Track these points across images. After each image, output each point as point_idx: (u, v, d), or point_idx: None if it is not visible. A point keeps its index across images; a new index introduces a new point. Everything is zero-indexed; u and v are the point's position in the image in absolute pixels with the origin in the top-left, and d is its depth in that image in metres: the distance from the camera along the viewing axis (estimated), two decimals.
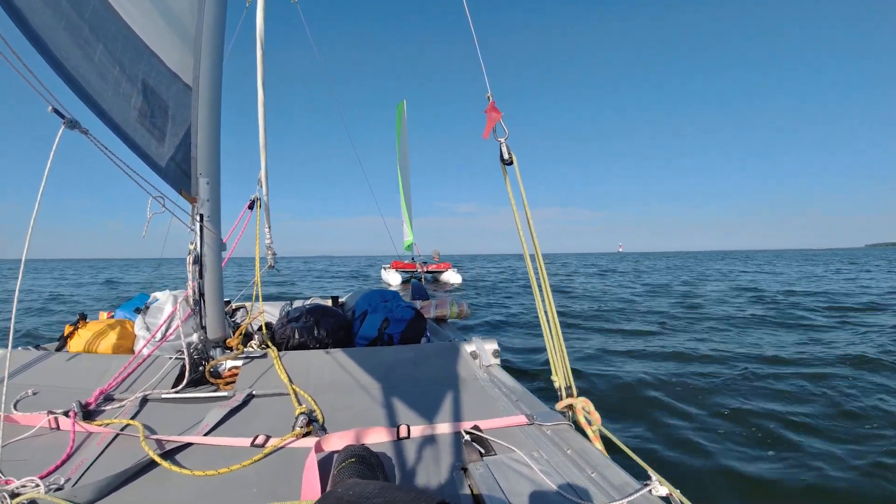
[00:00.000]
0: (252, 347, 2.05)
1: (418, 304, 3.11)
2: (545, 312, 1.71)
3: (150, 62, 1.74)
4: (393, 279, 18.28)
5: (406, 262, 19.40)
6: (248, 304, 3.18)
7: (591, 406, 1.58)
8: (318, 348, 2.11)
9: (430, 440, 1.35)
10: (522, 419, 1.48)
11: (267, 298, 3.34)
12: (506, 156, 1.67)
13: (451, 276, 18.41)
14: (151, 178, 1.70)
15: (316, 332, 2.21)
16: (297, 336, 2.18)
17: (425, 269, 18.95)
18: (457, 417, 1.50)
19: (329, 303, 3.41)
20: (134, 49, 1.69)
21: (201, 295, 1.83)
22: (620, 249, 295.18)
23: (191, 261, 1.78)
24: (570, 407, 1.59)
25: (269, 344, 2.03)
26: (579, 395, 1.60)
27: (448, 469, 1.19)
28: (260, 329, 2.20)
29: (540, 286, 1.71)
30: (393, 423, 1.45)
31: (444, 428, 1.40)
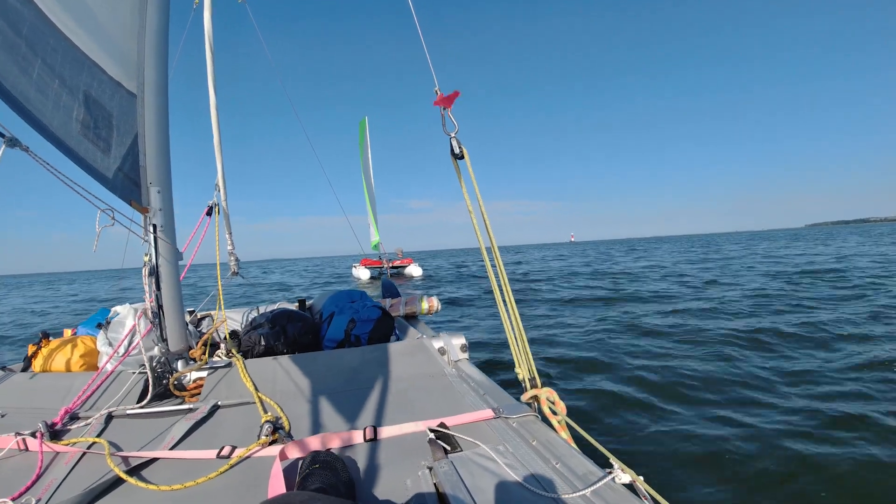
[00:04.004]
0: (218, 357, 2.12)
1: (388, 301, 3.19)
2: (505, 305, 1.80)
3: (92, 72, 1.80)
4: (362, 274, 23.43)
5: (373, 259, 24.27)
6: (213, 312, 3.26)
7: (555, 396, 1.68)
8: (285, 354, 2.19)
9: (396, 441, 1.44)
10: (489, 413, 1.57)
11: (237, 305, 3.42)
12: (456, 150, 1.75)
13: (414, 270, 23.57)
14: (100, 190, 1.77)
15: (282, 337, 2.29)
16: (262, 342, 2.26)
17: (390, 265, 23.70)
18: (424, 415, 1.57)
19: (296, 306, 3.48)
20: (74, 61, 1.76)
21: (160, 307, 1.90)
22: (573, 239, 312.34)
23: (146, 273, 1.85)
24: (536, 398, 1.69)
25: (235, 352, 2.11)
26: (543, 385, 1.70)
27: (414, 469, 1.26)
28: (226, 338, 2.28)
29: (498, 279, 1.79)
30: (360, 426, 1.52)
31: (410, 427, 1.49)
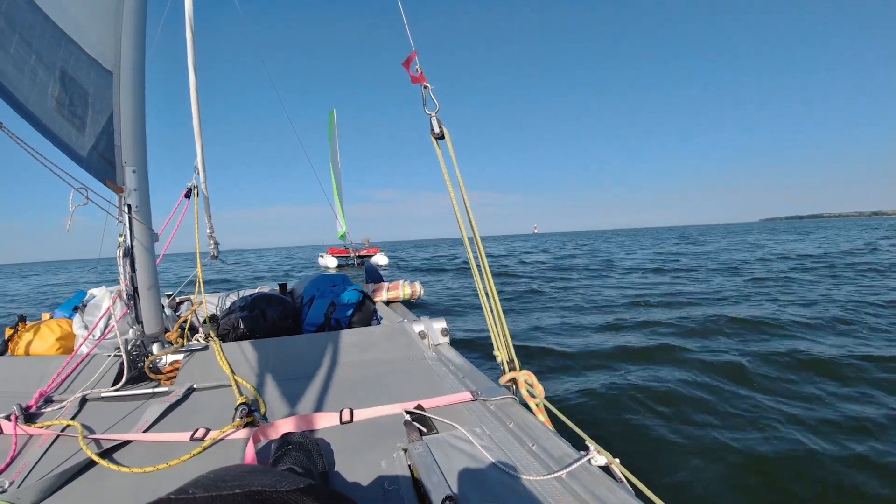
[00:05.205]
0: (197, 340, 2.13)
1: (371, 286, 3.21)
2: (484, 288, 1.80)
3: (69, 49, 1.79)
4: (330, 263, 23.91)
5: (340, 248, 25.23)
6: (192, 296, 3.25)
7: (533, 379, 1.69)
8: (264, 337, 2.19)
9: (373, 423, 1.45)
10: (467, 395, 1.58)
11: (218, 289, 3.42)
12: (436, 129, 1.75)
13: (379, 259, 23.77)
14: (74, 169, 1.76)
15: (261, 321, 2.30)
16: (241, 326, 2.26)
17: (357, 254, 24.57)
18: (402, 398, 1.59)
19: (277, 290, 3.49)
20: (51, 37, 1.75)
21: (135, 289, 1.90)
22: (535, 231, 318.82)
23: (121, 254, 1.85)
24: (514, 381, 1.70)
25: (212, 335, 2.11)
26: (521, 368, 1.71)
27: (389, 451, 1.27)
28: (205, 321, 2.28)
29: (478, 262, 1.80)
30: (337, 409, 1.53)
31: (387, 410, 1.50)
